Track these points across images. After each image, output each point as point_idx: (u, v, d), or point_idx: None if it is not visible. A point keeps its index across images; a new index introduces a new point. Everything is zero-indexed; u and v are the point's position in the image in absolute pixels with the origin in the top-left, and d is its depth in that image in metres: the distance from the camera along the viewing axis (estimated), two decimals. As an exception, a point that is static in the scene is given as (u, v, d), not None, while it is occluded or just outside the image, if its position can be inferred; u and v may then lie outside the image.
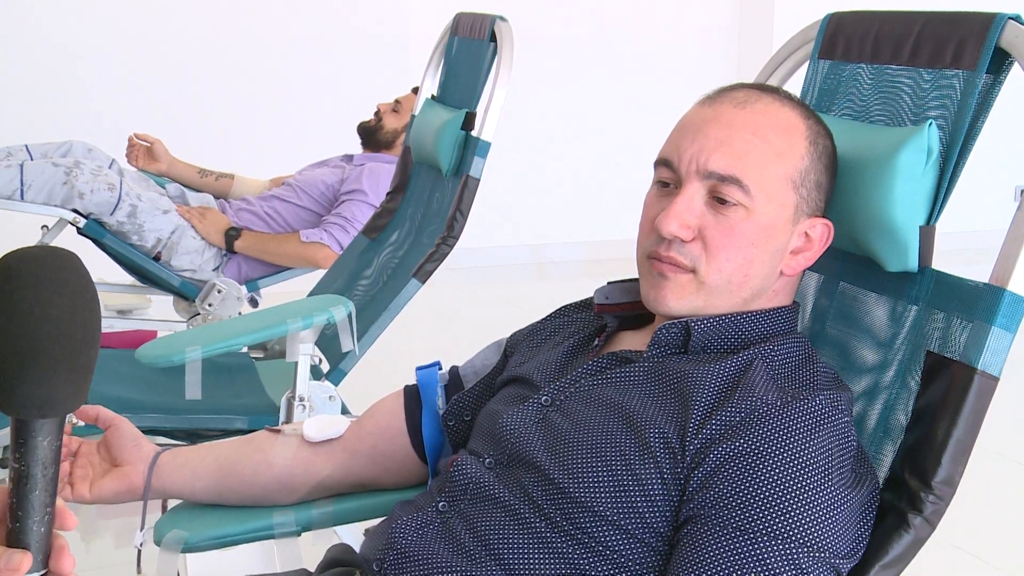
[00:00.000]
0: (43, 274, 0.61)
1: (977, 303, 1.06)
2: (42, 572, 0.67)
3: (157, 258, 2.97)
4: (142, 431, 1.31)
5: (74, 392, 0.63)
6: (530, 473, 1.06)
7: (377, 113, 3.28)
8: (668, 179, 1.12)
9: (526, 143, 4.94)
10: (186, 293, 2.99)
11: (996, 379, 1.04)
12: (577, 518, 1.01)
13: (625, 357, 1.13)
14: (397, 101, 3.25)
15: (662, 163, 1.13)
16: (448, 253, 2.21)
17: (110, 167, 3.11)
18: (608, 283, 1.23)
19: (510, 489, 1.06)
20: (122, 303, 3.73)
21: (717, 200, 1.08)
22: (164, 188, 3.19)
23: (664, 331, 1.11)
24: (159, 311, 3.67)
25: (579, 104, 5.14)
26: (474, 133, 2.26)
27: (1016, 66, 1.11)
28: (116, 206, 2.87)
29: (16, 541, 0.65)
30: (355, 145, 3.34)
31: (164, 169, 3.35)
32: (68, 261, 0.62)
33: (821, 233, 1.14)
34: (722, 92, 1.15)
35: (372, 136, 3.25)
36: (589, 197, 5.22)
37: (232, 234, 3.01)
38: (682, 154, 1.10)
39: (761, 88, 1.15)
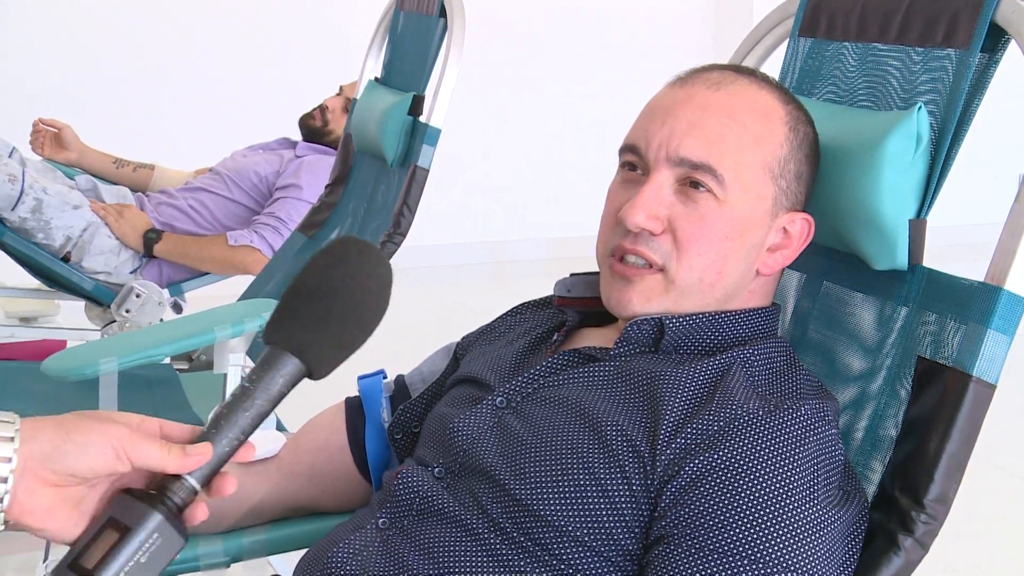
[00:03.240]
0: (364, 258, 0.84)
1: (972, 304, 1.07)
2: (201, 486, 0.80)
3: (66, 259, 2.93)
4: (50, 453, 1.29)
5: (331, 360, 0.81)
6: (484, 483, 1.06)
7: (323, 110, 3.23)
8: (635, 162, 1.13)
9: (481, 130, 4.94)
10: (100, 298, 2.96)
11: (993, 387, 1.06)
12: (536, 533, 1.01)
13: (589, 355, 1.14)
14: (347, 98, 3.19)
15: (628, 149, 1.14)
16: (395, 252, 2.20)
17: (10, 156, 3.06)
18: (571, 275, 1.24)
19: (462, 501, 1.06)
20: (26, 309, 3.67)
21: (689, 185, 1.09)
22: (73, 180, 3.15)
23: (635, 328, 1.11)
24: (69, 318, 3.62)
25: (539, 86, 5.15)
26: (422, 119, 2.25)
27: (1013, 44, 1.13)
28: (18, 200, 2.82)
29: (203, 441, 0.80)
30: (294, 131, 3.31)
31: (74, 158, 3.30)
32: (376, 253, 0.85)
33: (801, 229, 1.15)
34: (694, 73, 1.16)
35: (316, 138, 3.22)
36: (551, 190, 5.23)
37: (152, 236, 2.98)
38: (650, 139, 1.11)
39: (736, 69, 1.16)
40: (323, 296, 0.82)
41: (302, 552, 1.19)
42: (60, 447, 0.77)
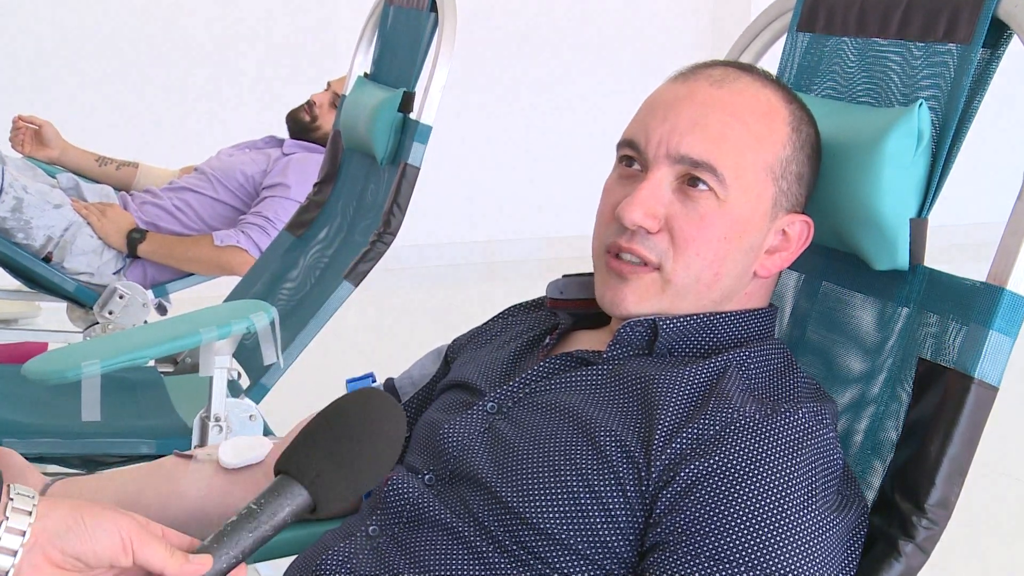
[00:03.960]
0: (385, 408, 0.91)
1: (973, 304, 1.08)
2: None
3: (48, 259, 2.92)
4: (30, 459, 1.29)
5: (338, 499, 0.87)
6: (475, 491, 1.06)
7: (311, 105, 3.23)
8: (633, 157, 1.13)
9: (473, 127, 4.94)
10: (82, 299, 2.95)
11: (995, 389, 1.06)
12: (529, 542, 1.01)
13: (582, 358, 1.14)
14: (335, 94, 3.20)
15: (627, 144, 1.14)
16: (384, 252, 2.21)
17: (-10, 154, 3.06)
18: (563, 276, 1.24)
19: (453, 509, 1.06)
20: (6, 311, 3.67)
21: (688, 183, 1.09)
22: (55, 178, 3.15)
23: (628, 329, 1.11)
24: (50, 320, 3.61)
25: (532, 83, 5.15)
26: (413, 116, 2.25)
27: (1015, 39, 1.13)
28: (-2, 199, 2.82)
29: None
30: (281, 129, 3.31)
31: (56, 156, 3.30)
32: (395, 406, 0.92)
33: (800, 232, 1.15)
34: (697, 69, 1.16)
35: (304, 134, 3.22)
36: (545, 189, 5.23)
37: (136, 236, 2.98)
38: (650, 135, 1.11)
39: (739, 67, 1.17)
40: (343, 437, 0.87)
41: (291, 559, 1.19)
42: (72, 527, 0.79)
